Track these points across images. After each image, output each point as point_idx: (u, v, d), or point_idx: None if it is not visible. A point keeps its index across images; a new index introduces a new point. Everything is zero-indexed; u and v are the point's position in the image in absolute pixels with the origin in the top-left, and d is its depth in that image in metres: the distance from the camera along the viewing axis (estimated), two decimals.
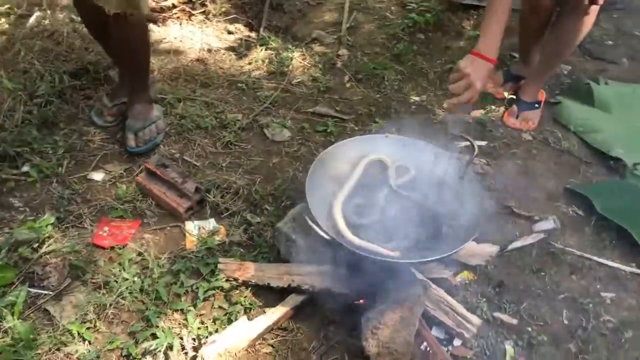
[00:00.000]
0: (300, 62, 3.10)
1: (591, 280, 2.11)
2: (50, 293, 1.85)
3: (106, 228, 2.07)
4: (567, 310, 1.99)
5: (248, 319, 1.81)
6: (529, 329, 1.92)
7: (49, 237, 1.99)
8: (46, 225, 2.01)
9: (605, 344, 1.88)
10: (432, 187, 1.93)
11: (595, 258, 2.18)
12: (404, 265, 1.68)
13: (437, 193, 1.91)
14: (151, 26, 3.24)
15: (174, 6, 3.45)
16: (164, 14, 3.36)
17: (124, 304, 1.83)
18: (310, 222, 1.66)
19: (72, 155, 2.37)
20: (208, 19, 3.36)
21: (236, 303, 1.87)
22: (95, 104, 2.60)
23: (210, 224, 2.15)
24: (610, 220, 2.29)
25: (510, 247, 2.17)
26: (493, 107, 2.86)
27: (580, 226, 2.31)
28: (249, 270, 1.92)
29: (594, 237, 2.27)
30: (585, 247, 2.22)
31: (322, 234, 1.65)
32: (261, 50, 3.14)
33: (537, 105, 2.82)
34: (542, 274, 2.09)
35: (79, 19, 2.79)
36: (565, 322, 1.95)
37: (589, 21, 2.47)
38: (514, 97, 2.83)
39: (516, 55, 3.17)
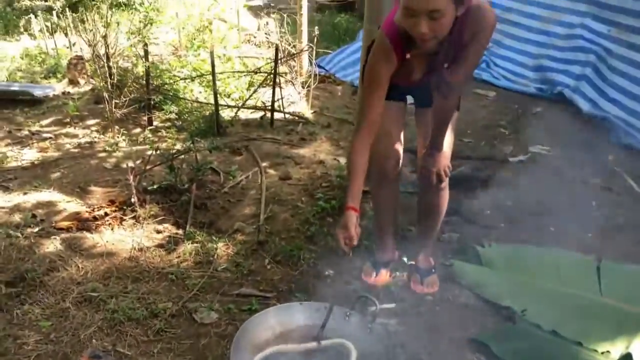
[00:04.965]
0: (224, 251, 3.44)
1: None
2: None
3: None
4: None
5: None
6: None
7: None
8: None
9: None
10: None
11: None
12: None
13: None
14: (85, 234, 3.54)
15: (107, 214, 3.80)
16: (97, 222, 3.69)
17: None
18: None
19: (7, 358, 2.47)
20: (138, 222, 3.71)
21: None
22: None
23: None
24: None
25: None
26: (397, 273, 3.26)
27: None
28: None
29: None
30: None
31: None
32: (188, 244, 3.48)
33: (434, 270, 3.24)
34: None
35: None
36: None
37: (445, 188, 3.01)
38: (413, 263, 3.25)
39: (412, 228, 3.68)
